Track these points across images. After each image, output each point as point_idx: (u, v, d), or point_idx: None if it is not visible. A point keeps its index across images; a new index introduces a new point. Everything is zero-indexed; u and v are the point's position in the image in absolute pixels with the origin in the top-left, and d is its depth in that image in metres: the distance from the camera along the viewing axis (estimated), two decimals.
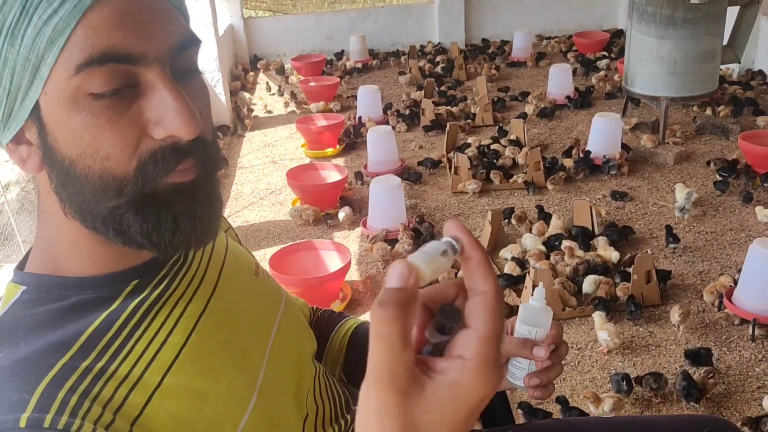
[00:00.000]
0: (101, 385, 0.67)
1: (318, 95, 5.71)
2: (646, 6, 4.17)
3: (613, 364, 2.51)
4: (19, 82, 0.62)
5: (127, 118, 0.63)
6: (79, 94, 0.61)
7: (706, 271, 3.03)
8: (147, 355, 0.72)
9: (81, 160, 0.64)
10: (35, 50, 0.60)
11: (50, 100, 0.62)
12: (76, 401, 0.64)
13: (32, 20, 0.59)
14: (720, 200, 3.67)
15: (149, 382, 0.70)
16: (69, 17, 0.59)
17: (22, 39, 0.60)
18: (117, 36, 0.61)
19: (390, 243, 3.32)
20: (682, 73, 4.20)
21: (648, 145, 4.25)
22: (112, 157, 0.64)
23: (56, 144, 0.64)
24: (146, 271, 0.76)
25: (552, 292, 2.73)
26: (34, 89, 0.62)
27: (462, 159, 3.97)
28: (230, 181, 4.41)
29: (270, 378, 0.82)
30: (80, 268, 0.73)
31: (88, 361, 0.68)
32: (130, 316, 0.73)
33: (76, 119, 0.62)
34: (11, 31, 0.60)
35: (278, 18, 7.81)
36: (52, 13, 0.59)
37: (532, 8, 7.59)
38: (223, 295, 0.83)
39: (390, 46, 7.46)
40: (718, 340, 2.58)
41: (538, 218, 3.50)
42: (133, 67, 0.62)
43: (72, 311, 0.71)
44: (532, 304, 0.90)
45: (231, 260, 0.90)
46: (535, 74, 6.27)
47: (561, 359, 0.93)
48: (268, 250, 3.39)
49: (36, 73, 0.61)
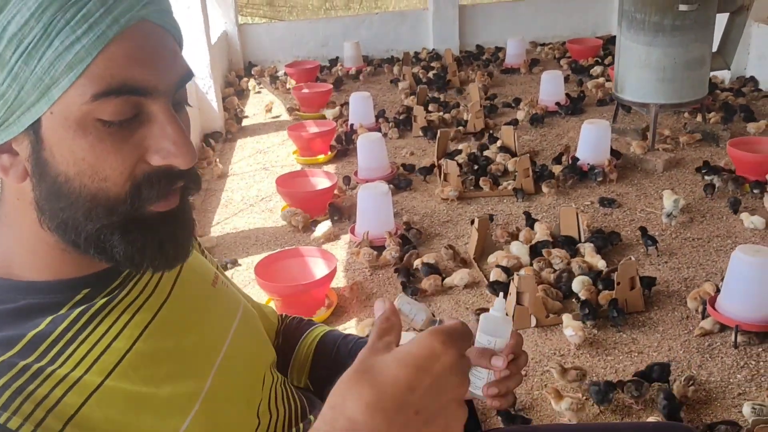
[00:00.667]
0: (37, 384, 0.68)
1: (311, 102, 5.73)
2: (635, 13, 4.19)
3: (596, 370, 2.51)
4: (25, 98, 0.64)
5: (129, 145, 0.68)
6: (88, 118, 0.65)
7: (692, 277, 3.04)
8: (89, 358, 0.73)
9: (78, 179, 0.67)
10: (51, 72, 0.62)
11: (56, 120, 0.65)
12: (9, 396, 0.65)
13: (53, 44, 0.62)
14: (708, 207, 3.68)
15: (88, 383, 0.71)
16: (92, 47, 0.63)
17: (39, 60, 0.62)
18: (134, 70, 0.65)
19: (378, 249, 3.33)
20: (671, 80, 4.21)
21: (637, 152, 4.27)
22: (110, 179, 0.67)
23: (52, 160, 0.67)
24: (98, 280, 0.77)
25: (536, 300, 2.73)
26: (39, 107, 0.64)
27: (451, 166, 3.98)
28: (221, 188, 4.42)
29: (217, 387, 0.83)
30: (34, 273, 0.74)
31: (27, 360, 0.69)
32: (74, 320, 0.74)
33: (81, 141, 0.65)
34: (29, 51, 0.62)
35: (273, 25, 7.84)
36: (75, 41, 0.62)
37: (525, 15, 7.63)
38: (175, 305, 0.84)
39: (384, 52, 7.48)
40: (701, 347, 2.59)
41: (525, 224, 3.51)
42: (143, 98, 0.67)
43: (19, 314, 0.72)
44: (492, 314, 0.91)
45: (187, 271, 0.91)
46: (529, 81, 6.29)
47: (520, 369, 0.93)
48: (257, 257, 3.40)
49: (46, 93, 0.63)
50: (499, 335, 0.89)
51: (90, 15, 0.62)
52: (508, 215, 3.76)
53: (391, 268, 3.22)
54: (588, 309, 2.69)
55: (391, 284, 3.14)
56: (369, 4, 10.54)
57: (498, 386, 0.90)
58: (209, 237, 3.68)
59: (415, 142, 4.95)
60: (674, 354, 2.56)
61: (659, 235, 3.41)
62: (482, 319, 0.91)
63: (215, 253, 3.48)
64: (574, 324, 2.61)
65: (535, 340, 2.69)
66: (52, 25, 0.62)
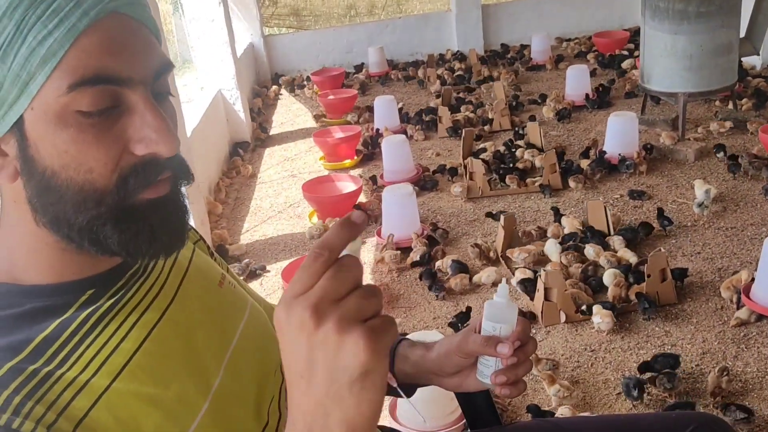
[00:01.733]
0: (47, 387, 0.69)
1: (337, 108, 5.76)
2: (659, 2, 4.12)
3: (627, 365, 2.47)
4: (6, 96, 0.65)
5: (111, 135, 0.69)
6: (67, 110, 0.66)
7: (726, 267, 2.97)
8: (97, 360, 0.73)
9: (64, 172, 0.68)
10: (27, 68, 0.64)
11: (36, 115, 0.66)
12: (20, 401, 0.66)
13: (26, 40, 0.63)
14: (741, 195, 3.59)
15: (96, 386, 0.72)
16: (63, 39, 0.64)
17: (14, 57, 0.63)
18: (107, 60, 0.66)
19: (405, 251, 3.33)
20: (698, 68, 4.13)
21: (667, 143, 4.19)
22: (95, 170, 0.68)
23: (38, 156, 0.68)
24: (103, 281, 0.78)
25: (564, 295, 2.70)
26: (20, 104, 0.66)
27: (477, 164, 3.96)
28: (249, 196, 4.47)
29: (226, 386, 0.84)
30: (37, 276, 0.75)
31: (36, 364, 0.70)
32: (82, 323, 0.75)
33: (62, 134, 0.67)
34: (4, 48, 0.63)
35: (298, 34, 7.90)
36: (47, 35, 0.63)
37: (550, 11, 7.55)
38: (181, 305, 0.85)
39: (409, 56, 7.49)
40: (736, 338, 2.52)
41: (554, 220, 3.48)
42: (119, 88, 0.68)
43: (25, 318, 0.73)
44: (496, 300, 0.90)
45: (193, 272, 0.92)
46: (555, 77, 6.22)
47: (528, 356, 0.93)
48: (285, 262, 3.43)
49: (24, 89, 0.65)
50: (505, 321, 0.89)
51: (60, 9, 0.64)
52: (536, 212, 3.73)
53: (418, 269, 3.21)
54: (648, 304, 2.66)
55: (419, 285, 3.13)
56: (392, 9, 10.57)
57: (506, 374, 0.90)
58: (239, 245, 3.72)
59: (441, 143, 4.94)
60: (709, 345, 2.51)
61: (691, 226, 3.35)
62: (487, 306, 0.91)
63: (245, 260, 3.52)
64: (603, 312, 2.58)
65: (565, 336, 2.66)
66: (24, 22, 0.63)
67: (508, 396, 0.92)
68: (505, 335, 0.90)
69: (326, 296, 0.55)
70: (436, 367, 0.99)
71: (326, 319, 0.54)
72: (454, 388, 0.99)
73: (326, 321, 0.54)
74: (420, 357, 1.02)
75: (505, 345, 0.88)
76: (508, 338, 0.89)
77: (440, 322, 2.86)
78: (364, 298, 0.56)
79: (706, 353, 2.47)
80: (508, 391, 0.91)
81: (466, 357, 0.94)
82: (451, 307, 2.95)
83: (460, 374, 0.97)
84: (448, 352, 0.96)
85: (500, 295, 0.90)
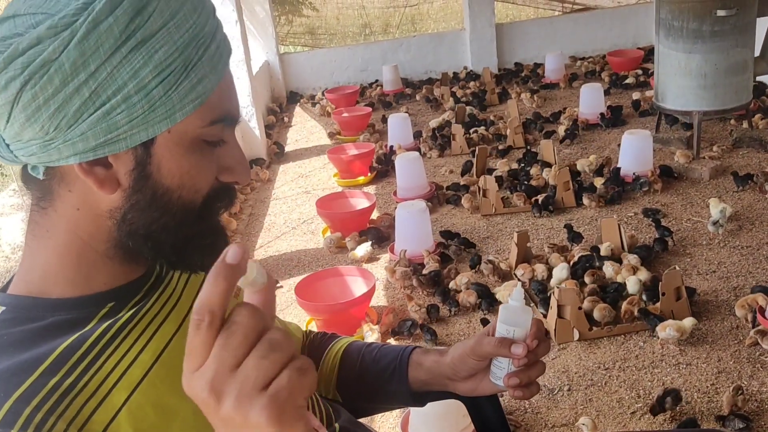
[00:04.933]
0: (68, 402, 0.70)
1: (351, 125, 5.80)
2: (673, 21, 4.13)
3: (642, 383, 2.45)
4: (150, 118, 0.70)
5: (214, 163, 0.78)
6: (198, 139, 0.75)
7: (741, 286, 2.95)
8: (116, 372, 0.75)
9: (178, 191, 0.75)
10: (184, 100, 0.71)
11: (171, 139, 0.73)
12: (41, 418, 0.67)
13: (189, 76, 0.71)
14: (756, 214, 3.57)
15: (116, 398, 0.73)
16: (214, 82, 0.74)
17: (176, 88, 0.70)
18: (231, 103, 0.78)
19: (418, 267, 3.33)
20: (713, 86, 4.13)
21: (681, 161, 4.18)
22: (200, 191, 0.77)
23: (157, 174, 0.73)
24: (124, 294, 0.80)
25: (578, 313, 2.69)
26: (159, 127, 0.71)
27: (490, 182, 3.97)
28: (264, 213, 4.50)
29: None
30: (62, 289, 0.77)
31: (57, 377, 0.71)
32: (101, 335, 0.76)
33: (190, 158, 0.75)
34: (168, 78, 0.69)
35: (313, 52, 7.98)
36: (203, 77, 0.72)
37: (563, 30, 7.59)
38: None
39: (423, 74, 7.54)
40: (752, 357, 2.50)
41: (567, 238, 3.47)
42: (229, 126, 0.78)
43: (47, 331, 0.74)
44: (511, 304, 0.91)
45: None
46: (568, 95, 6.24)
47: (539, 357, 0.93)
48: (298, 278, 3.44)
49: (170, 115, 0.71)
50: (518, 325, 0.90)
51: (212, 56, 0.73)
52: (549, 229, 3.72)
53: None
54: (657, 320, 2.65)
55: (431, 300, 3.13)
56: (406, 27, 10.66)
57: (519, 376, 0.90)
58: (253, 260, 3.74)
59: (455, 160, 4.96)
60: (724, 365, 2.48)
61: (706, 244, 3.33)
62: (501, 310, 0.91)
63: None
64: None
65: (578, 354, 2.65)
66: (190, 60, 0.71)
67: (521, 398, 0.92)
68: (519, 337, 0.90)
69: (220, 369, 0.53)
70: (450, 371, 1.00)
71: (224, 396, 0.53)
72: (469, 392, 1.00)
73: (225, 399, 0.53)
74: (434, 362, 1.03)
75: (519, 345, 0.89)
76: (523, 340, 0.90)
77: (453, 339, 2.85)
78: (263, 357, 0.53)
79: (721, 372, 2.44)
80: (521, 393, 0.91)
81: (480, 360, 0.95)
82: (464, 323, 2.95)
83: (474, 378, 0.98)
84: (462, 355, 0.97)
85: (515, 298, 0.91)
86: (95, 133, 0.69)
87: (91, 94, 0.67)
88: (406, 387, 1.07)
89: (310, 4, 10.22)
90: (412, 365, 1.08)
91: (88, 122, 0.68)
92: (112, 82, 0.67)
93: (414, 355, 1.08)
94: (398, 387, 1.09)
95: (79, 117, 0.68)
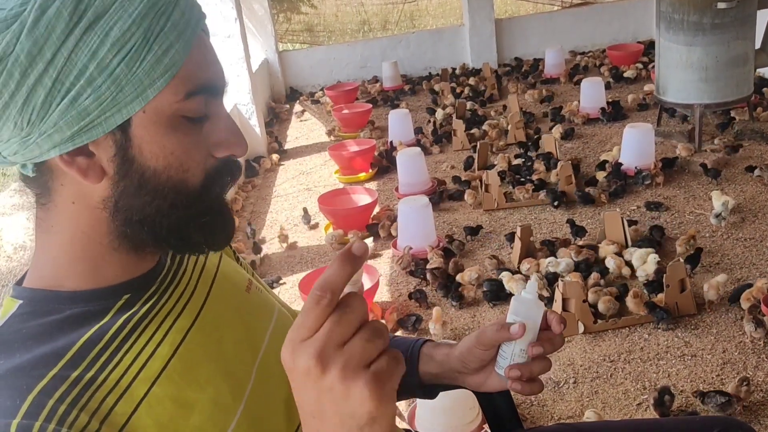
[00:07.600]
0: (89, 394, 0.70)
1: (351, 122, 5.80)
2: (673, 14, 4.13)
3: (647, 375, 2.45)
4: (121, 99, 0.68)
5: (202, 139, 0.75)
6: (177, 115, 0.71)
7: (745, 278, 2.95)
8: (135, 365, 0.75)
9: (165, 172, 0.72)
10: (151, 75, 0.68)
11: (147, 118, 0.70)
12: (64, 410, 0.67)
13: (152, 49, 0.67)
14: (759, 205, 3.57)
15: (136, 392, 0.73)
16: (182, 51, 0.70)
17: (140, 63, 0.67)
18: (208, 72, 0.74)
19: (421, 263, 3.32)
20: (714, 79, 4.13)
21: (683, 154, 4.17)
22: (190, 170, 0.74)
23: (140, 156, 0.71)
24: (138, 286, 0.80)
25: (582, 306, 2.69)
26: (132, 107, 0.69)
27: (492, 177, 3.97)
28: (265, 210, 4.50)
29: (258, 388, 0.85)
30: (75, 282, 0.77)
31: (78, 371, 0.71)
32: (120, 328, 0.76)
33: (171, 137, 0.72)
34: (130, 54, 0.66)
35: (312, 50, 7.98)
36: (169, 46, 0.68)
37: (563, 25, 7.58)
38: (211, 311, 0.86)
39: (423, 70, 7.53)
40: (756, 348, 2.50)
41: (570, 232, 3.47)
42: (212, 97, 0.75)
43: (65, 324, 0.74)
44: (524, 296, 0.88)
45: (221, 278, 0.93)
46: (569, 90, 6.24)
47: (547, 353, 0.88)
48: (301, 274, 3.44)
49: (141, 94, 0.68)
50: (529, 318, 0.86)
51: (177, 23, 0.69)
52: (552, 224, 3.72)
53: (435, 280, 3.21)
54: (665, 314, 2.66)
55: (435, 297, 3.13)
56: (405, 24, 10.66)
57: (521, 369, 0.86)
58: (256, 257, 3.74)
59: (456, 155, 4.96)
60: (729, 356, 2.48)
61: (709, 237, 3.33)
62: (514, 301, 0.89)
63: (261, 272, 3.54)
64: None
65: (584, 347, 2.65)
66: (150, 31, 0.67)
67: (519, 392, 0.88)
68: (530, 331, 0.88)
69: (330, 342, 0.55)
70: (459, 364, 0.99)
71: (331, 366, 0.55)
72: (478, 386, 0.99)
73: (331, 369, 0.55)
74: (445, 356, 1.03)
75: (517, 326, 0.85)
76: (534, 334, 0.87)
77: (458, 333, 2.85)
78: (368, 340, 0.56)
79: (727, 363, 2.44)
80: (520, 386, 0.87)
81: (485, 348, 0.92)
82: (468, 318, 2.95)
83: (483, 371, 0.96)
84: (470, 346, 0.95)
85: (529, 290, 0.88)
86: (68, 122, 0.67)
87: (54, 82, 0.66)
88: (416, 380, 1.07)
89: (309, 1, 10.21)
90: (422, 358, 1.07)
91: (57, 112, 0.67)
92: (72, 66, 0.66)
93: (425, 348, 1.07)
94: (408, 379, 1.08)
95: (48, 108, 0.67)
